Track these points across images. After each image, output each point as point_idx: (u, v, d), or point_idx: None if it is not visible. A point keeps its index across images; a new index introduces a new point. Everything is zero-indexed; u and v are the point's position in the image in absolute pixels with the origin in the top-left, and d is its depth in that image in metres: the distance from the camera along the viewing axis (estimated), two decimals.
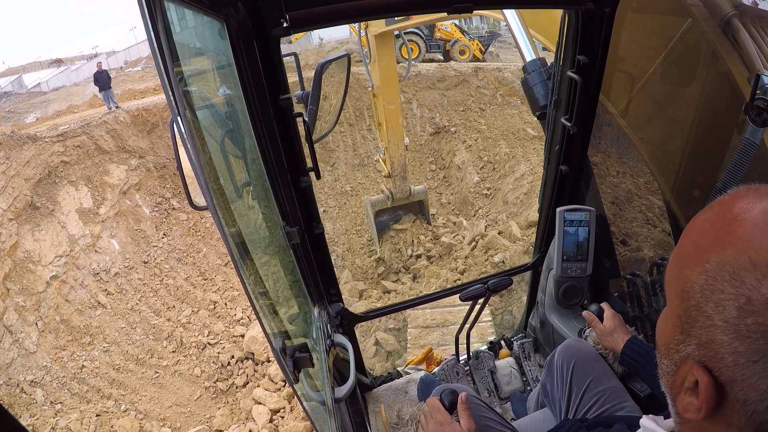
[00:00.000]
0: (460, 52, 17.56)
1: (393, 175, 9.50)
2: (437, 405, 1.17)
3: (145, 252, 10.87)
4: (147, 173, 12.11)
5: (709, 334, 0.47)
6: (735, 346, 0.45)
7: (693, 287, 0.49)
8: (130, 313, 9.52)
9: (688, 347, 0.51)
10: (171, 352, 8.91)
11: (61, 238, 9.58)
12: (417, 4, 1.37)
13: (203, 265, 11.00)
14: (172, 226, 11.65)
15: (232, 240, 0.75)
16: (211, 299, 10.08)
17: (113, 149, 11.74)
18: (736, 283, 0.44)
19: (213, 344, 9.00)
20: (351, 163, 13.90)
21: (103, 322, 9.16)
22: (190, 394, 8.11)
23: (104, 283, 9.74)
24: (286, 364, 0.95)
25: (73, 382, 8.00)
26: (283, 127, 1.33)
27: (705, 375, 0.48)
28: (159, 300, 9.97)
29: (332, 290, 1.83)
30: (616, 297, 2.08)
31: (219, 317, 9.69)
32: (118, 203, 10.99)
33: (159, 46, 0.60)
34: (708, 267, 0.47)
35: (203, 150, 0.75)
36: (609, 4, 1.45)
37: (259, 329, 8.31)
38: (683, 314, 0.51)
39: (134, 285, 10.07)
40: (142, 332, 9.23)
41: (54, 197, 10.04)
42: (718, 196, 0.52)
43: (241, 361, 8.48)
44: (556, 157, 1.86)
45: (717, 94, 1.47)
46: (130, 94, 16.32)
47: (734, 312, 0.45)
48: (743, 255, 0.45)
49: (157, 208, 11.88)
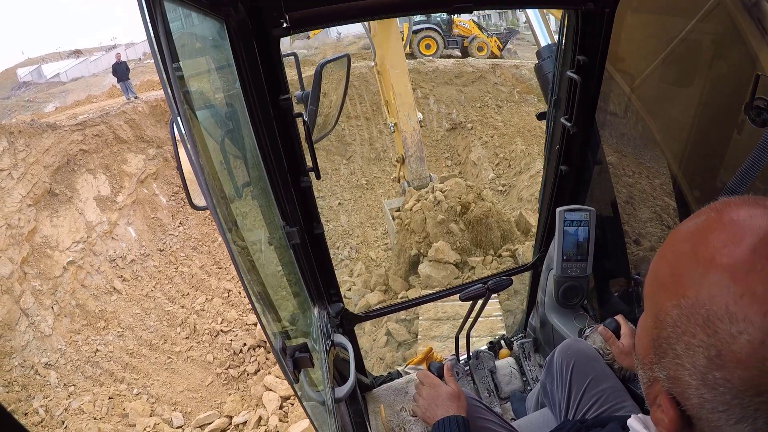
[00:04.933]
0: (478, 49, 17.63)
1: (407, 156, 8.28)
2: (428, 372, 1.38)
3: (161, 240, 10.99)
4: (164, 163, 12.21)
5: (677, 372, 0.46)
6: (702, 392, 0.43)
7: (666, 318, 0.46)
8: (144, 299, 9.61)
9: (659, 372, 0.49)
10: (184, 339, 8.99)
11: (79, 224, 9.71)
12: (417, 4, 1.37)
13: (218, 254, 11.09)
14: (188, 216, 11.76)
15: (231, 240, 0.75)
16: (225, 287, 10.15)
17: (131, 139, 11.84)
18: (709, 332, 0.42)
19: (226, 332, 9.07)
20: (367, 157, 14.00)
21: (118, 307, 9.27)
22: (202, 380, 8.19)
23: (120, 269, 9.86)
24: (286, 364, 0.95)
25: (87, 365, 8.11)
26: (283, 127, 1.33)
27: (672, 408, 0.47)
28: (174, 287, 10.06)
29: (332, 290, 1.83)
30: (617, 297, 2.08)
31: (232, 305, 9.75)
32: (135, 192, 11.11)
33: (159, 46, 0.60)
34: (683, 302, 0.44)
35: (203, 150, 0.75)
36: (609, 4, 1.45)
37: None
38: (656, 339, 0.49)
39: (149, 272, 10.17)
40: (156, 318, 9.32)
41: (72, 184, 10.16)
42: (729, 196, 0.48)
43: (253, 348, 8.54)
44: (556, 157, 1.86)
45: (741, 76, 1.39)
46: (148, 85, 16.48)
47: (703, 361, 0.42)
48: (720, 300, 0.41)
49: (174, 197, 11.98)
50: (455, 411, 1.20)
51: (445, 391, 1.26)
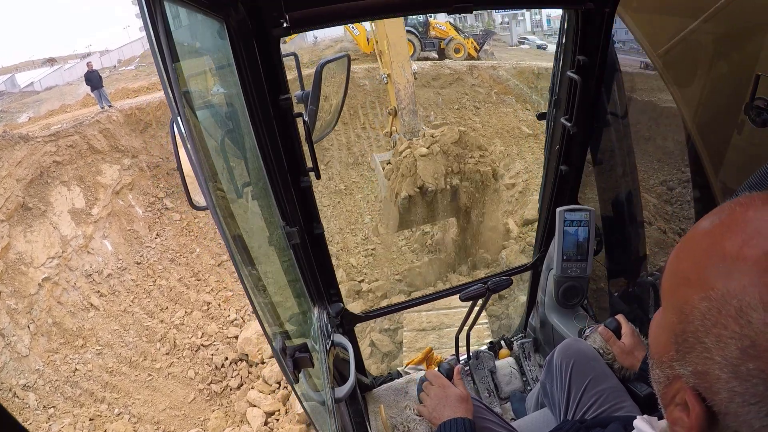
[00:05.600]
0: (455, 51, 17.58)
1: (400, 108, 8.10)
2: (437, 373, 1.38)
3: (138, 253, 10.78)
4: (140, 173, 12.04)
5: (706, 366, 0.45)
6: (732, 385, 0.43)
7: (693, 312, 0.46)
8: (122, 314, 9.44)
9: (682, 369, 0.48)
10: (164, 354, 8.83)
11: (54, 239, 9.50)
12: (417, 4, 1.37)
13: (196, 266, 10.93)
14: (165, 227, 11.59)
15: (231, 240, 0.75)
16: (204, 300, 10.01)
17: (106, 149, 11.65)
18: (742, 323, 0.41)
19: (207, 346, 8.92)
20: (345, 162, 13.87)
21: (96, 324, 9.08)
22: (184, 397, 8.05)
23: (97, 284, 9.67)
24: (286, 364, 0.95)
25: (66, 385, 7.94)
26: (283, 127, 1.33)
27: (698, 404, 0.46)
28: (152, 301, 9.90)
29: (332, 290, 1.83)
30: (616, 297, 2.08)
31: (212, 318, 9.63)
32: (110, 203, 10.92)
33: (159, 46, 0.60)
34: (712, 295, 0.44)
35: (203, 150, 0.75)
36: (609, 4, 1.45)
37: (252, 330, 8.31)
38: (680, 335, 0.48)
39: (127, 286, 9.99)
40: (135, 334, 9.15)
41: (46, 198, 9.95)
42: (749, 192, 0.48)
43: (235, 362, 8.42)
44: (556, 157, 1.86)
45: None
46: (123, 93, 16.19)
47: (736, 352, 0.42)
48: (753, 291, 0.41)
49: (150, 208, 11.82)
50: (463, 413, 1.20)
51: (454, 393, 1.27)
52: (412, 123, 8.19)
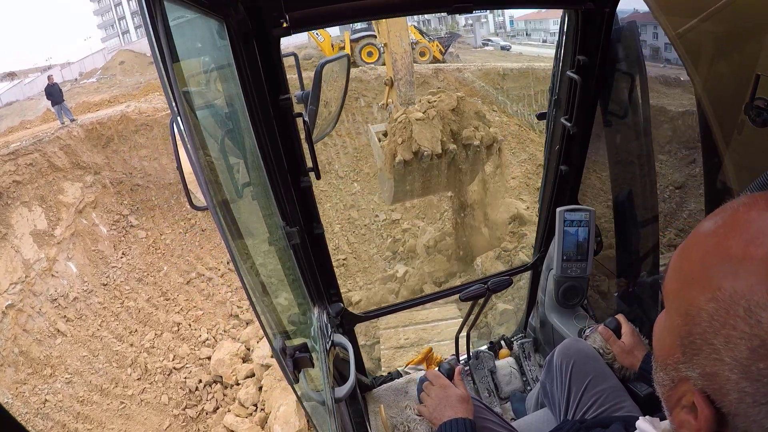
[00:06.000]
0: (421, 54, 17.22)
1: (396, 79, 7.91)
2: (438, 373, 1.38)
3: (104, 273, 10.44)
4: (103, 190, 11.69)
5: (715, 368, 0.44)
6: (743, 386, 0.42)
7: (700, 313, 0.45)
8: (91, 339, 9.12)
9: (689, 372, 0.48)
10: (136, 380, 8.53)
11: (16, 263, 9.13)
12: (417, 4, 1.37)
13: (165, 285, 10.60)
14: (131, 245, 11.27)
15: (231, 240, 0.75)
16: (174, 321, 9.71)
17: (67, 166, 11.25)
18: (751, 322, 0.41)
19: (179, 369, 8.64)
20: None
21: (64, 351, 8.75)
22: (159, 424, 7.78)
23: (63, 309, 9.33)
24: (286, 364, 0.95)
25: (37, 418, 7.67)
26: (283, 127, 1.33)
27: (707, 407, 0.46)
28: (120, 324, 9.59)
29: (332, 290, 1.83)
30: (616, 297, 2.08)
31: (183, 339, 9.33)
32: (73, 223, 10.53)
33: (159, 46, 0.60)
34: (719, 295, 0.43)
35: (203, 150, 0.75)
36: (609, 4, 1.45)
37: (225, 351, 8.08)
38: (686, 337, 0.47)
39: (94, 309, 9.67)
40: (105, 360, 8.85)
41: (6, 220, 9.56)
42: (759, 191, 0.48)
43: (210, 385, 8.14)
44: (556, 157, 1.86)
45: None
46: (84, 106, 15.57)
47: (746, 352, 0.41)
48: (761, 290, 0.41)
49: (115, 226, 11.47)
50: (463, 413, 1.20)
51: (455, 393, 1.26)
52: (409, 94, 7.96)
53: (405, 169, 7.49)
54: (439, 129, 7.53)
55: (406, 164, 7.42)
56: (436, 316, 6.89)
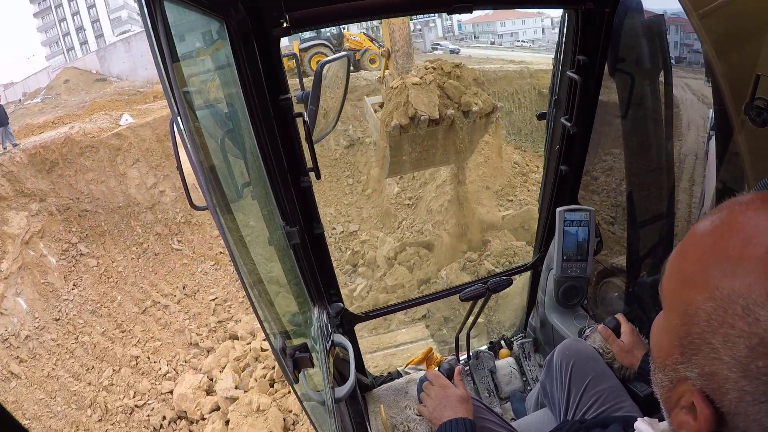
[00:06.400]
0: (371, 61, 16.91)
1: (394, 50, 7.70)
2: (438, 373, 1.38)
3: (56, 307, 9.86)
4: (50, 218, 11.04)
5: (714, 367, 0.44)
6: (742, 384, 0.42)
7: (698, 313, 0.45)
8: (47, 380, 8.58)
9: (688, 372, 0.48)
10: (97, 422, 8.03)
11: None
12: (417, 4, 1.37)
13: (119, 316, 10.05)
14: (82, 275, 10.63)
15: (232, 240, 0.75)
16: (132, 354, 9.22)
17: (10, 194, 10.65)
18: (750, 320, 0.41)
19: (141, 406, 8.11)
20: None
21: (20, 395, 8.24)
22: None
23: (15, 349, 8.80)
24: (286, 364, 0.95)
25: None
26: (283, 127, 1.33)
27: (706, 407, 0.46)
28: (76, 361, 9.06)
29: (332, 290, 1.83)
30: (616, 297, 2.08)
31: (143, 374, 8.85)
32: (20, 255, 9.92)
33: (159, 46, 0.60)
34: (717, 294, 0.43)
35: (203, 150, 0.75)
36: (609, 4, 1.45)
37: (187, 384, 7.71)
38: (684, 337, 0.47)
39: (48, 347, 9.10)
40: (63, 402, 8.32)
41: None
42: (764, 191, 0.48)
43: (174, 421, 7.63)
44: (556, 157, 1.86)
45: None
46: (28, 129, 14.64)
47: (744, 351, 0.41)
48: (759, 288, 0.41)
49: (64, 255, 10.83)
50: (463, 413, 1.20)
51: (455, 393, 1.26)
52: (407, 65, 7.67)
53: (401, 135, 7.08)
54: (436, 94, 7.13)
55: (402, 130, 7.00)
56: (405, 339, 6.64)
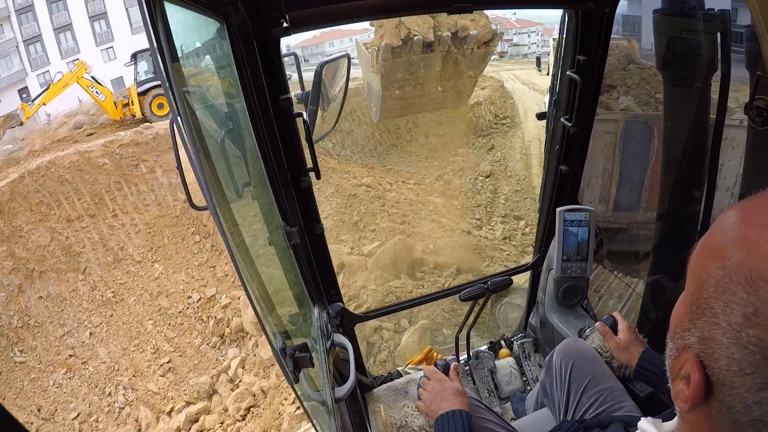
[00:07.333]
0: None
1: None
2: (435, 369, 1.41)
3: None
4: None
5: (711, 332, 0.47)
6: (732, 351, 0.44)
7: (709, 279, 0.48)
8: None
9: (691, 337, 0.50)
10: None
11: None
12: (417, 4, 1.37)
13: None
14: None
15: (232, 240, 0.75)
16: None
17: None
18: (750, 290, 0.43)
19: None
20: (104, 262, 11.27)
21: None
22: None
23: None
24: (286, 364, 0.95)
25: None
26: (283, 127, 1.33)
27: (699, 371, 0.48)
28: None
29: (332, 290, 1.83)
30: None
31: None
32: None
33: (159, 46, 0.60)
34: (728, 263, 0.46)
35: (203, 150, 0.75)
36: (609, 4, 1.45)
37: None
38: (694, 303, 0.50)
39: None
40: None
41: None
42: None
43: None
44: (556, 157, 1.86)
45: None
46: None
47: (739, 318, 0.44)
48: (765, 263, 0.43)
49: None
50: (460, 406, 1.23)
51: (451, 387, 1.30)
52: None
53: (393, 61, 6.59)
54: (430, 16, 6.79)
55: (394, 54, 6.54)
56: None
